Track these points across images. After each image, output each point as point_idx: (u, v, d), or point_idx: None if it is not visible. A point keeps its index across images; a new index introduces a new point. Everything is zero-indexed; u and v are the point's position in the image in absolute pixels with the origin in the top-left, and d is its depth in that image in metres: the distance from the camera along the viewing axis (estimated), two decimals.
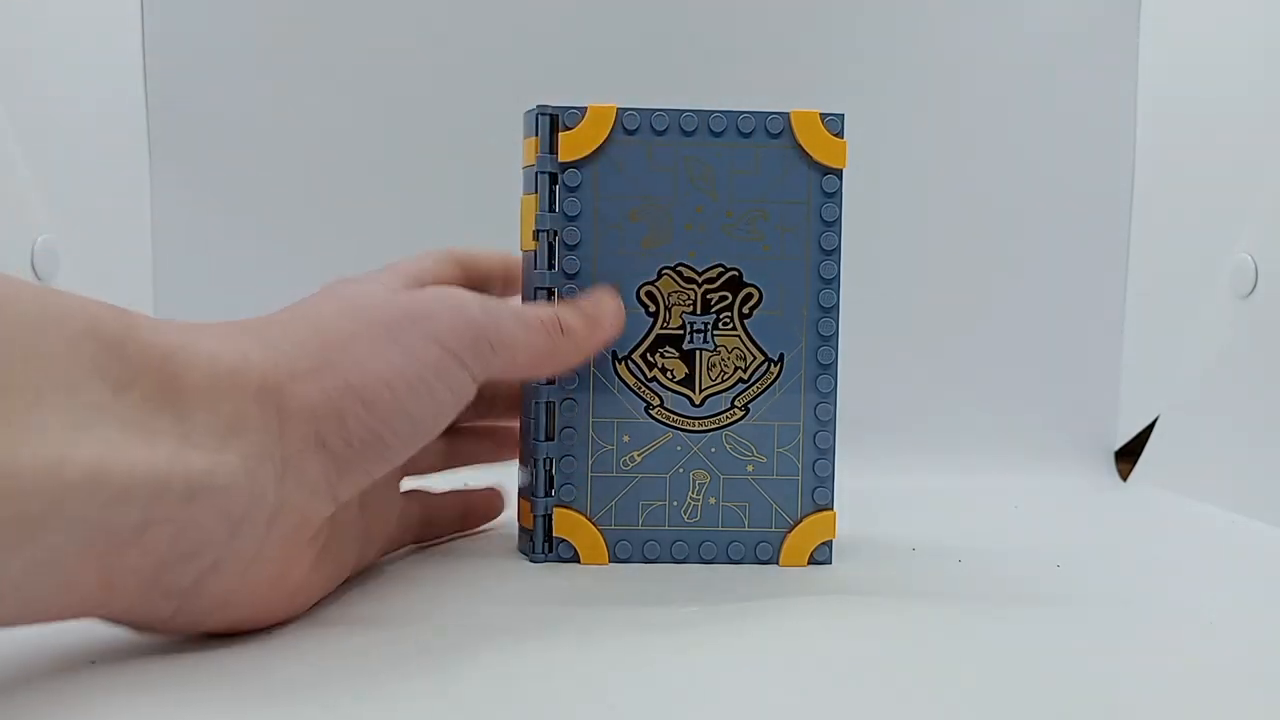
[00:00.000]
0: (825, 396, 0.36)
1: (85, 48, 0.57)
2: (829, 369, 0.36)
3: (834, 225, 0.36)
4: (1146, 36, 0.63)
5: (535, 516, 0.36)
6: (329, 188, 0.62)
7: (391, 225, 0.61)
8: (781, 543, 0.37)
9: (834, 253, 0.36)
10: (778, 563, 0.37)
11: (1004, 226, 0.64)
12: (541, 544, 0.36)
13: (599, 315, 0.35)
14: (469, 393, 0.31)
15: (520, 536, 0.38)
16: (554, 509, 0.36)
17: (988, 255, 0.64)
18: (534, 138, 0.36)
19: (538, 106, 0.36)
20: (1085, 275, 0.64)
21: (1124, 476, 0.61)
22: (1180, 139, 0.61)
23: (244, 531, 0.26)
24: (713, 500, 0.36)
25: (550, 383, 0.36)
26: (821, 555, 0.37)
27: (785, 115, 0.36)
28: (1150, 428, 0.61)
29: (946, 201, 0.64)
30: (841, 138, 0.36)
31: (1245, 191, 0.55)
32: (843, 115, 0.36)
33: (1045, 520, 0.51)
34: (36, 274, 0.50)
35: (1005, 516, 0.51)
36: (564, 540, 0.36)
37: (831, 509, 0.37)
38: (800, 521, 0.37)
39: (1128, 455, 0.62)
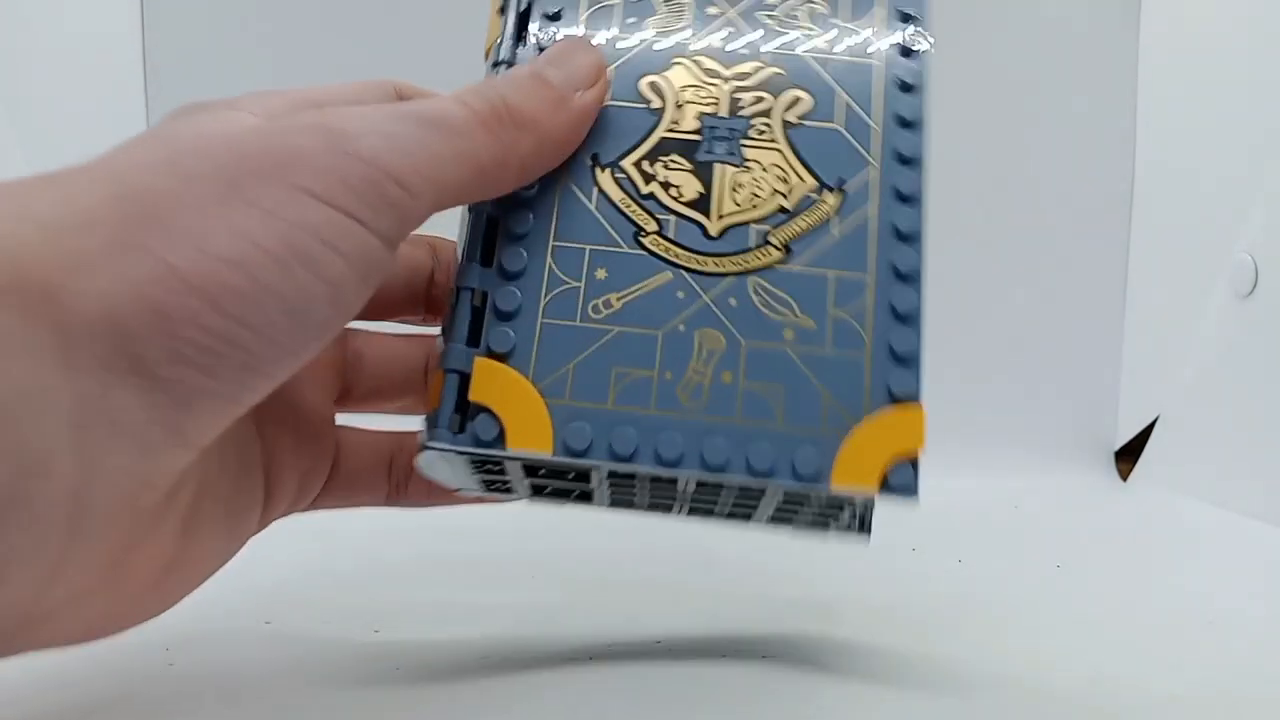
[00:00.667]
0: (908, 239, 0.25)
1: (85, 48, 0.57)
2: (912, 203, 0.26)
3: (917, 20, 0.27)
4: (1146, 36, 0.63)
5: (446, 374, 0.22)
6: None
7: None
8: (836, 451, 0.23)
9: (917, 55, 0.27)
10: (827, 483, 0.22)
11: (1003, 226, 0.64)
12: (450, 416, 0.22)
13: (569, 77, 0.23)
14: (382, 259, 0.20)
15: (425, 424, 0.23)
16: (476, 361, 0.23)
17: (987, 255, 0.64)
18: None
19: None
20: (1085, 275, 0.64)
21: (1124, 476, 0.61)
22: (1180, 139, 0.61)
23: (28, 515, 0.17)
24: (727, 377, 0.23)
25: None
26: (901, 477, 0.23)
27: None
28: (1150, 428, 0.61)
29: (946, 201, 0.64)
30: None
31: (1245, 191, 0.55)
32: None
33: (1045, 520, 0.51)
34: None
35: (1005, 516, 0.51)
36: (485, 411, 0.22)
37: (918, 402, 0.24)
38: (866, 419, 0.23)
39: (1128, 455, 0.62)
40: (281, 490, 0.24)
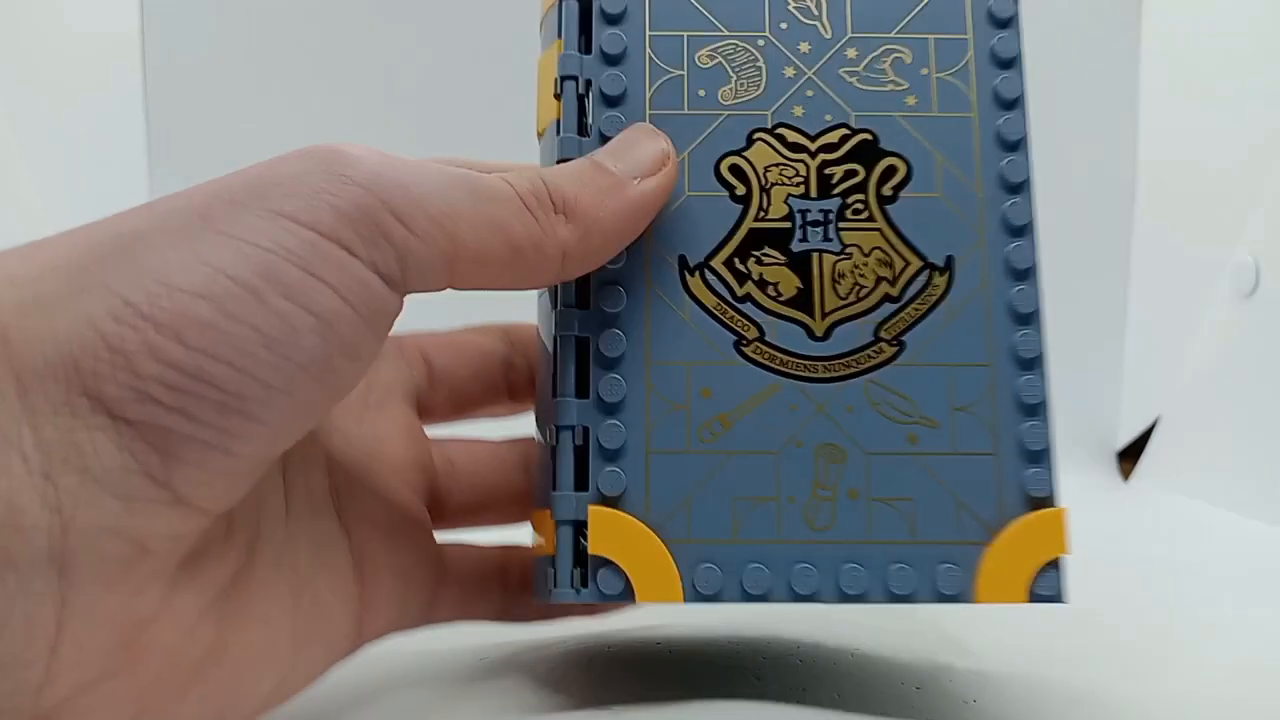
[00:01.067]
0: (1026, 320, 0.23)
1: (85, 50, 0.57)
2: (1028, 277, 0.23)
3: (1013, 65, 0.24)
4: (1147, 36, 0.63)
5: (559, 525, 0.22)
6: None
7: None
8: (977, 566, 0.22)
9: (1017, 104, 0.24)
10: (972, 600, 0.21)
11: None
12: (571, 572, 0.21)
13: (630, 166, 0.22)
14: (382, 297, 0.18)
15: (536, 570, 0.23)
16: (591, 511, 0.22)
17: None
18: None
19: None
20: (1087, 275, 0.64)
21: (1125, 476, 0.61)
22: (1181, 139, 0.61)
23: (14, 576, 0.15)
24: (854, 494, 0.22)
25: (581, 304, 0.23)
26: (1047, 586, 0.22)
27: None
28: (1152, 428, 0.61)
29: None
30: None
31: (1246, 191, 0.55)
32: None
33: None
34: None
35: None
36: (608, 564, 0.21)
37: (1053, 504, 0.22)
38: (1005, 527, 0.22)
39: (1129, 455, 0.62)
40: (380, 595, 0.22)
